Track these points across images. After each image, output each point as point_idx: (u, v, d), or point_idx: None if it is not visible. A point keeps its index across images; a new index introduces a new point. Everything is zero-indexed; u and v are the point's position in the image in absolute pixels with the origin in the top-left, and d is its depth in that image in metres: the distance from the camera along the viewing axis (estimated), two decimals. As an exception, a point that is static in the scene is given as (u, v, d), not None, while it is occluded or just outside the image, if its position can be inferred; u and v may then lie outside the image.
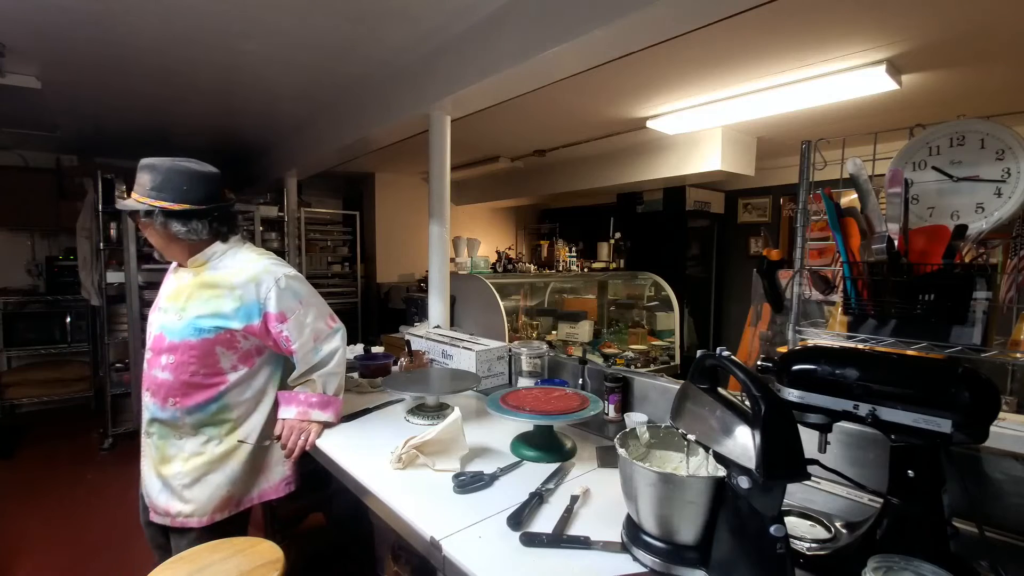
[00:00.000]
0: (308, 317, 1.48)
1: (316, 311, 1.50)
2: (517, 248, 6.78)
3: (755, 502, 0.79)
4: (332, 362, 1.52)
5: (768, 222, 5.20)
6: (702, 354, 0.93)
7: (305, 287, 1.51)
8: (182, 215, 1.39)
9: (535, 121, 3.75)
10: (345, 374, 1.60)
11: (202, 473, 1.43)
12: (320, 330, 1.51)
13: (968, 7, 1.99)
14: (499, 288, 3.18)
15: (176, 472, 1.43)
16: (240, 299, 1.41)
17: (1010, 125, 1.01)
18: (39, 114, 3.53)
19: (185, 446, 1.44)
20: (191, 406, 1.41)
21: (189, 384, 1.40)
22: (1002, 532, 0.96)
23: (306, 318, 1.47)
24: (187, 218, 1.40)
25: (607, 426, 1.59)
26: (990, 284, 0.93)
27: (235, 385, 1.46)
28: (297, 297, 1.46)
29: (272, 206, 4.46)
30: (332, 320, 1.56)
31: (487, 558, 0.92)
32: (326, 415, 1.52)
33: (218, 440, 1.46)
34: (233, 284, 1.42)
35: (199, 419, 1.43)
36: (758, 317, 2.07)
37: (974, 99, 2.99)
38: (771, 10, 1.68)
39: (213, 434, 1.45)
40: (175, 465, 1.43)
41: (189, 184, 1.42)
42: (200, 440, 1.44)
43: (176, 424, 1.43)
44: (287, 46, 2.54)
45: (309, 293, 1.51)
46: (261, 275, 1.43)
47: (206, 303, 1.41)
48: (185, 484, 1.42)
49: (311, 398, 1.50)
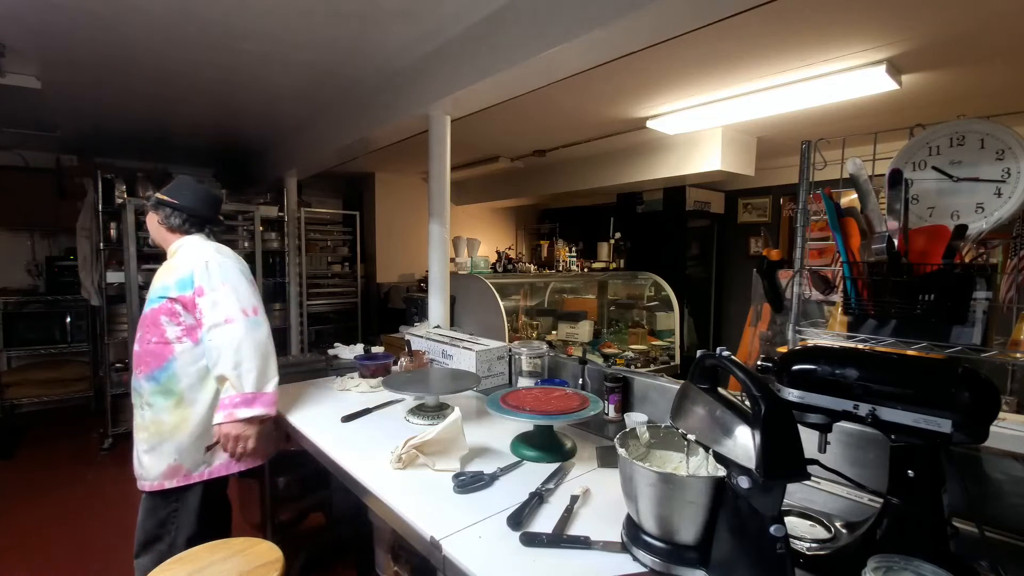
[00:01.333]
0: (223, 298, 1.61)
1: (235, 296, 1.62)
2: (517, 248, 6.78)
3: (755, 502, 0.79)
4: (231, 352, 1.57)
5: (768, 222, 5.20)
6: (702, 354, 0.93)
7: (231, 273, 1.65)
8: (168, 205, 1.74)
9: (535, 121, 3.74)
10: (269, 363, 1.64)
11: (156, 442, 1.59)
12: (231, 315, 1.60)
13: (968, 7, 1.99)
14: (499, 288, 3.18)
15: (139, 439, 1.62)
16: (180, 273, 1.64)
17: (1010, 125, 1.01)
18: (39, 114, 3.53)
19: (145, 415, 1.62)
20: (147, 374, 1.61)
21: (146, 352, 1.62)
22: (1002, 532, 0.96)
23: (220, 298, 1.61)
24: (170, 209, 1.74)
25: (607, 426, 1.59)
26: (990, 284, 0.93)
27: (180, 356, 1.61)
28: (219, 277, 1.62)
29: (272, 206, 4.46)
30: (253, 312, 1.65)
31: (487, 558, 0.92)
32: (254, 410, 1.57)
33: (168, 411, 1.60)
34: (180, 263, 1.67)
35: (152, 388, 1.60)
36: (758, 317, 2.07)
37: (974, 99, 2.98)
38: (771, 10, 1.68)
39: (163, 405, 1.60)
40: (139, 432, 1.62)
41: (189, 191, 1.78)
42: (154, 410, 1.60)
43: (140, 393, 1.62)
44: (287, 46, 2.54)
45: (234, 279, 1.65)
46: (199, 255, 1.66)
47: (159, 279, 1.68)
48: (143, 450, 1.60)
49: (234, 399, 1.57)
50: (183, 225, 1.76)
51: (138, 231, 3.52)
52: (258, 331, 1.63)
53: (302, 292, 4.78)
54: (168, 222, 1.75)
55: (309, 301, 4.88)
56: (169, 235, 1.76)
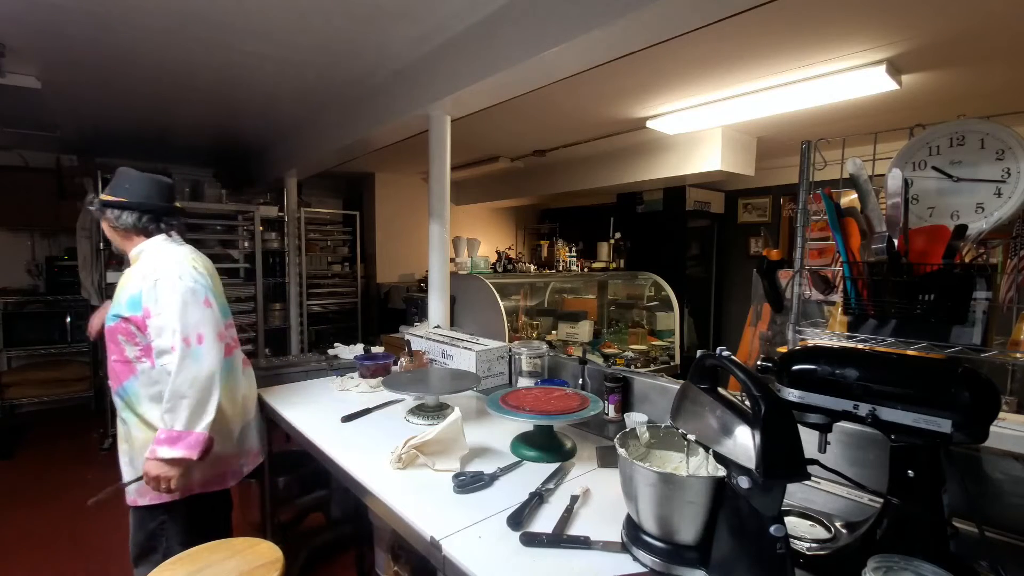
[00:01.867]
0: (165, 323, 1.46)
1: (179, 322, 1.46)
2: (517, 248, 6.78)
3: (755, 502, 0.79)
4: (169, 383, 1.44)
5: (768, 222, 5.20)
6: (702, 354, 0.93)
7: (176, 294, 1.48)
8: (116, 206, 1.59)
9: (535, 121, 3.74)
10: (206, 400, 1.46)
11: (131, 456, 1.56)
12: (172, 343, 1.46)
13: (968, 7, 1.98)
14: (499, 288, 3.18)
15: (121, 450, 1.60)
16: (131, 291, 1.52)
17: (1010, 125, 1.01)
18: (39, 114, 3.53)
19: (120, 429, 1.60)
20: (116, 388, 1.56)
21: (111, 368, 1.57)
22: (1002, 532, 0.96)
23: (163, 323, 1.47)
24: (120, 209, 1.59)
25: (607, 426, 1.59)
26: (990, 284, 0.93)
27: (141, 376, 1.53)
28: (164, 299, 1.47)
29: (272, 206, 4.46)
30: (197, 341, 1.47)
31: (487, 558, 0.92)
32: (174, 451, 1.41)
33: (137, 428, 1.55)
34: (134, 276, 1.54)
35: (121, 404, 1.57)
36: (758, 317, 2.07)
37: (974, 99, 2.98)
38: (771, 10, 1.68)
39: (133, 421, 1.55)
40: (120, 444, 1.61)
41: (130, 184, 1.62)
42: (127, 426, 1.57)
43: (116, 406, 1.59)
44: (287, 46, 2.54)
45: (180, 301, 1.47)
46: (151, 270, 1.52)
47: (117, 293, 1.58)
48: (124, 463, 1.59)
49: (160, 434, 1.44)
50: (139, 223, 1.59)
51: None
52: (197, 364, 1.45)
53: (302, 292, 4.78)
54: (121, 223, 1.59)
55: (309, 301, 4.88)
56: (126, 239, 1.62)
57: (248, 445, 1.74)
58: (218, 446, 1.55)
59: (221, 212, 4.09)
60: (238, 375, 1.70)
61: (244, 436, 1.72)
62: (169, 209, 1.66)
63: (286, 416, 1.73)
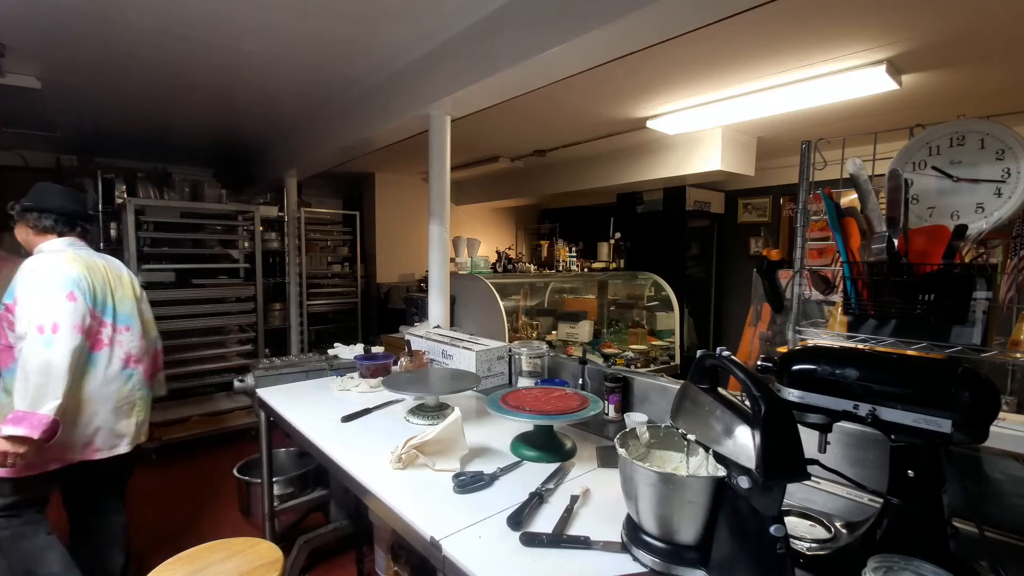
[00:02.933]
0: (25, 310, 1.62)
1: (38, 308, 1.61)
2: (517, 248, 6.78)
3: (755, 502, 0.78)
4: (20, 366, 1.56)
5: (768, 222, 5.20)
6: (702, 354, 0.93)
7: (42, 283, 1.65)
8: (34, 210, 1.81)
9: (535, 121, 3.74)
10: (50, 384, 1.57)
11: None
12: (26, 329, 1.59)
13: (968, 7, 1.98)
14: (499, 288, 3.18)
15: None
16: (12, 281, 1.68)
17: (1010, 125, 1.01)
18: (39, 114, 3.53)
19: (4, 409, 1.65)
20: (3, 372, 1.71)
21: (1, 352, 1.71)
22: (1002, 532, 0.96)
23: (24, 310, 1.62)
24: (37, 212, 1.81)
25: (607, 426, 1.58)
26: (990, 284, 0.93)
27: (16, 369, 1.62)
28: (30, 286, 1.65)
29: (272, 206, 4.46)
30: (52, 329, 1.59)
31: (487, 558, 0.92)
32: (17, 429, 1.51)
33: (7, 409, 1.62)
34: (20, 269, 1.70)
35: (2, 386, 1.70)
36: (758, 317, 2.07)
37: (974, 99, 2.99)
38: (771, 10, 1.68)
39: (5, 402, 1.65)
40: None
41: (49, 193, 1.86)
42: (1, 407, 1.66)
43: None
44: (287, 46, 2.54)
45: (42, 289, 1.64)
46: (32, 264, 1.69)
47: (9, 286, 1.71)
48: None
49: (8, 414, 1.55)
50: (56, 225, 1.81)
51: (138, 231, 3.52)
52: (48, 349, 1.57)
53: (302, 292, 4.78)
54: (40, 224, 1.80)
55: (309, 301, 4.88)
56: (37, 239, 1.82)
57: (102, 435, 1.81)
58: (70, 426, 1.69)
59: (221, 212, 4.09)
60: (98, 372, 1.79)
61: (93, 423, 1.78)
62: (83, 214, 1.91)
63: (286, 416, 1.73)
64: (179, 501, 3.00)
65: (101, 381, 1.79)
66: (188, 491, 3.12)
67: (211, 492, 3.08)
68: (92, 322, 1.74)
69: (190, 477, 3.29)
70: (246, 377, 2.20)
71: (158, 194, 3.86)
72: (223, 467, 3.24)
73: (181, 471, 3.33)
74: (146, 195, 3.75)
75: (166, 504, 2.96)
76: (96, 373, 1.78)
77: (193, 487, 3.17)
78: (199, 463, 3.51)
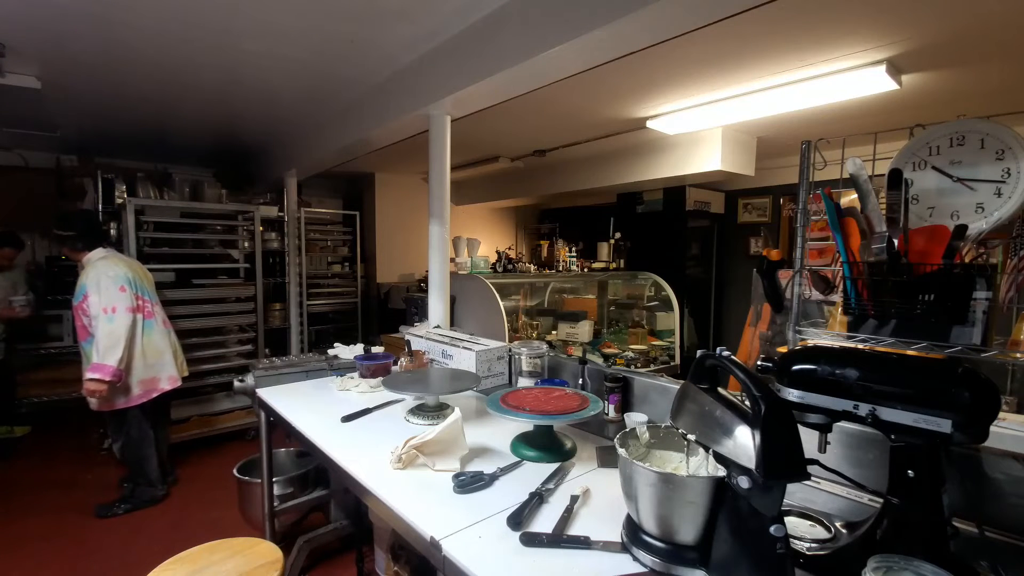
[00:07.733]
0: (92, 303, 2.61)
1: (99, 299, 2.61)
2: (517, 248, 6.79)
3: (755, 502, 0.78)
4: (98, 335, 2.60)
5: (768, 222, 5.20)
6: (702, 354, 0.93)
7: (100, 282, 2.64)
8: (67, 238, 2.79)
9: (535, 121, 3.74)
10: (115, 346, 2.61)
11: None
12: (96, 313, 2.60)
13: (968, 7, 1.98)
14: (499, 288, 3.17)
15: None
16: (79, 286, 2.68)
17: (1010, 125, 1.01)
18: (39, 114, 3.53)
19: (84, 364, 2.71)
20: (81, 343, 2.75)
21: (79, 331, 2.75)
22: (1002, 532, 0.96)
23: (92, 302, 2.61)
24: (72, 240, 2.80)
25: (607, 426, 1.59)
26: (990, 284, 0.93)
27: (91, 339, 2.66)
28: (93, 285, 2.63)
29: (272, 206, 4.46)
30: (112, 311, 2.63)
31: (487, 558, 0.92)
32: (94, 374, 2.58)
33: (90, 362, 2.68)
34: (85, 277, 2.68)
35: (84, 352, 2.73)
36: (758, 317, 2.07)
37: (974, 99, 2.98)
38: (771, 10, 1.68)
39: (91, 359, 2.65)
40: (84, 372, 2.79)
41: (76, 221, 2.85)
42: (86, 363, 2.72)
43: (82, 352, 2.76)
44: (287, 46, 2.54)
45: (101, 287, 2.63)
46: (93, 272, 2.66)
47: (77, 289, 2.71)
48: None
49: (89, 366, 2.61)
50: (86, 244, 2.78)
51: (138, 231, 3.52)
52: (111, 324, 2.61)
53: (302, 292, 4.78)
54: (75, 246, 2.78)
55: (309, 301, 4.88)
56: (78, 255, 2.80)
57: (165, 373, 2.92)
58: (143, 373, 2.80)
59: (221, 212, 4.09)
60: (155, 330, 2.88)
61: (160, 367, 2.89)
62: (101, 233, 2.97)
63: (286, 416, 1.73)
64: (179, 501, 3.00)
65: (159, 335, 2.90)
66: (188, 491, 3.12)
67: (211, 492, 3.08)
68: (139, 302, 2.78)
69: (190, 477, 3.29)
70: (246, 377, 2.20)
71: (158, 194, 3.85)
72: (223, 467, 3.24)
73: (181, 471, 3.33)
74: (146, 195, 3.74)
75: (166, 504, 2.96)
76: (156, 330, 2.88)
77: (193, 487, 3.17)
78: (199, 463, 3.51)
